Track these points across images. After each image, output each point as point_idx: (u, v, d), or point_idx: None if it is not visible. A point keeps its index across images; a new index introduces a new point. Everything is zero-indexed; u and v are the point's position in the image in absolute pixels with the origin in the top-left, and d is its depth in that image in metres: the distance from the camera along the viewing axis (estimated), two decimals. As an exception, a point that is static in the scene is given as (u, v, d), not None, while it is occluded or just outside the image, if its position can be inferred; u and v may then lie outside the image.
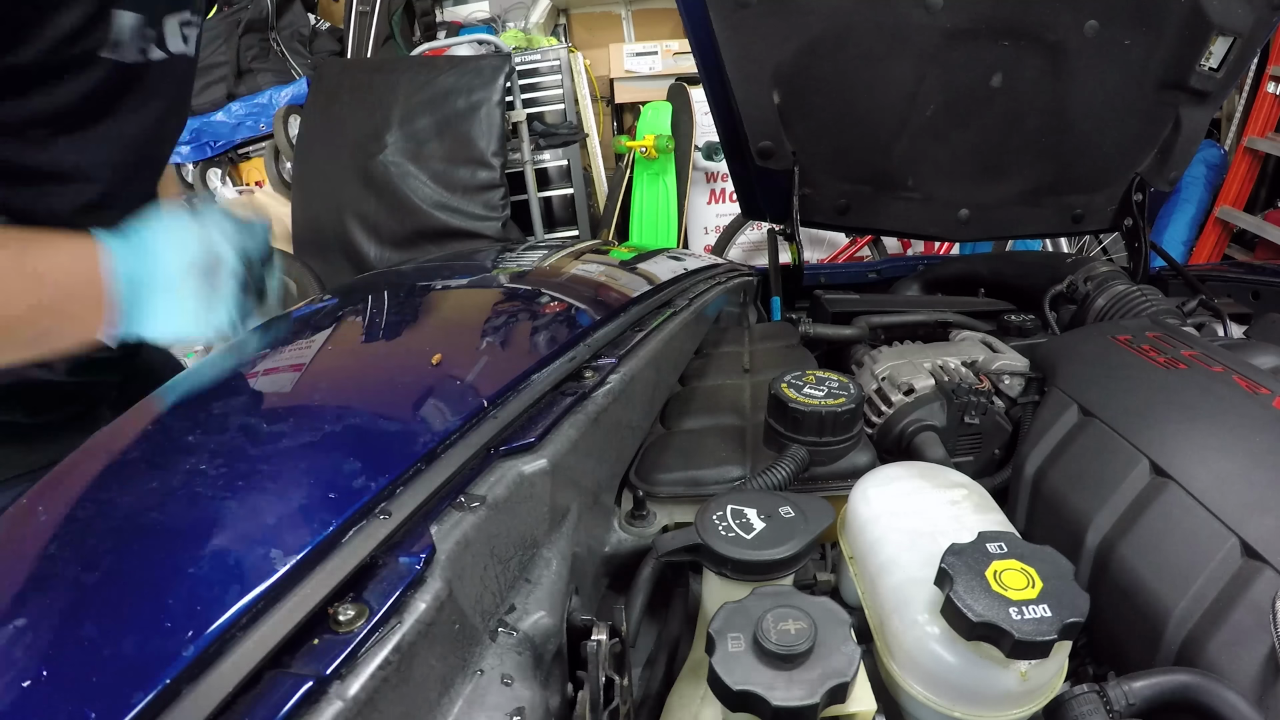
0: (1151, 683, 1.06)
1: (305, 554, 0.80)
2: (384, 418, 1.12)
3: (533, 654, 0.99)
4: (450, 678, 0.88)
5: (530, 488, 1.09)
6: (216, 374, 1.30)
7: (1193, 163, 3.08)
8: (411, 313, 1.61)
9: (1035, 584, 0.96)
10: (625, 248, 2.63)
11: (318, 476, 0.95)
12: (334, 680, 0.72)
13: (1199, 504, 1.26)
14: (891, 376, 1.95)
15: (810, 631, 0.90)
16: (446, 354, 1.29)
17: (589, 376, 1.37)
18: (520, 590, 1.06)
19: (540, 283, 1.84)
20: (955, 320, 2.39)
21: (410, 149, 6.27)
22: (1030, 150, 2.63)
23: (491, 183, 6.27)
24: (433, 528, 0.92)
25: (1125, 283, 2.34)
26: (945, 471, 1.34)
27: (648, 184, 7.54)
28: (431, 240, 6.29)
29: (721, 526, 1.14)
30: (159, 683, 0.66)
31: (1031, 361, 1.98)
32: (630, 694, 1.11)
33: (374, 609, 0.79)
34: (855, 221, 2.81)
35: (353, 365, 1.35)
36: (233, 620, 0.73)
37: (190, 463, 0.98)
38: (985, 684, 0.99)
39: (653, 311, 1.78)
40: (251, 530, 0.86)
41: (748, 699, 0.86)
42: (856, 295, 2.67)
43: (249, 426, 1.08)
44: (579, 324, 1.50)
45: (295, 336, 1.43)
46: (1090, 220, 2.87)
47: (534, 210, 6.97)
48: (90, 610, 0.77)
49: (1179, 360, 1.60)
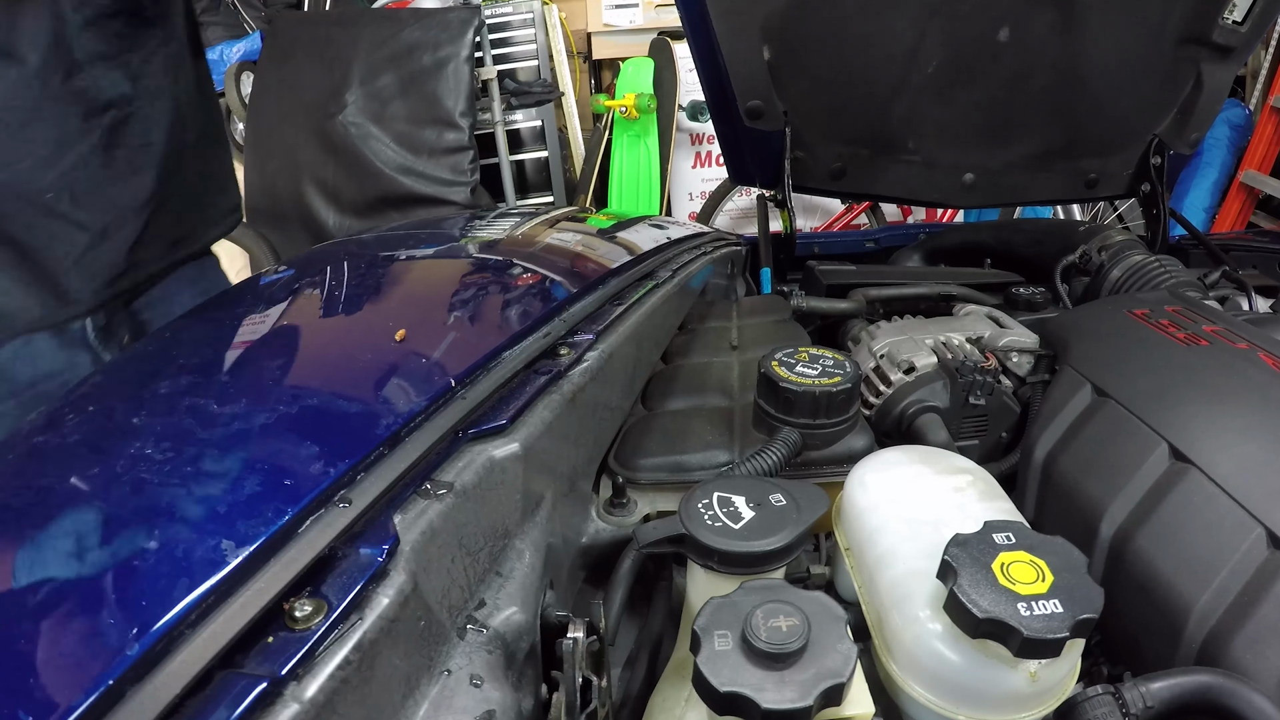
0: (1171, 684, 1.06)
1: (259, 545, 0.80)
2: (344, 399, 1.12)
3: (504, 653, 0.99)
4: (415, 678, 0.88)
5: (501, 474, 1.09)
6: (163, 352, 1.30)
7: (1215, 123, 3.08)
8: (373, 285, 1.60)
9: (1045, 577, 0.96)
10: (603, 215, 2.63)
11: (272, 462, 0.95)
12: (290, 681, 0.72)
13: (1222, 491, 1.26)
14: (891, 354, 1.95)
15: (803, 629, 0.90)
16: (411, 330, 1.28)
17: (564, 354, 1.36)
18: (491, 584, 1.06)
19: (512, 253, 1.83)
20: (959, 293, 2.39)
21: (372, 109, 6.24)
22: (1040, 110, 2.63)
23: (459, 145, 6.25)
24: (396, 517, 0.92)
25: (1142, 253, 2.34)
26: (948, 456, 1.34)
27: (628, 146, 7.52)
28: (395, 207, 6.26)
29: (707, 515, 1.14)
30: (101, 684, 0.66)
31: (1041, 337, 1.98)
32: (609, 696, 1.11)
33: (333, 604, 0.79)
34: (851, 187, 2.81)
35: (310, 342, 1.34)
36: (181, 616, 0.72)
37: (135, 447, 0.98)
38: (991, 685, 0.99)
39: (633, 284, 1.77)
40: (200, 520, 0.86)
41: (735, 702, 0.87)
42: (853, 266, 2.66)
43: (198, 408, 1.08)
44: (553, 297, 1.50)
45: (248, 311, 1.43)
46: (1105, 185, 2.87)
47: (505, 175, 6.95)
48: (27, 606, 0.77)
49: (1200, 336, 1.60)
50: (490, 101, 6.72)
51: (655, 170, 7.52)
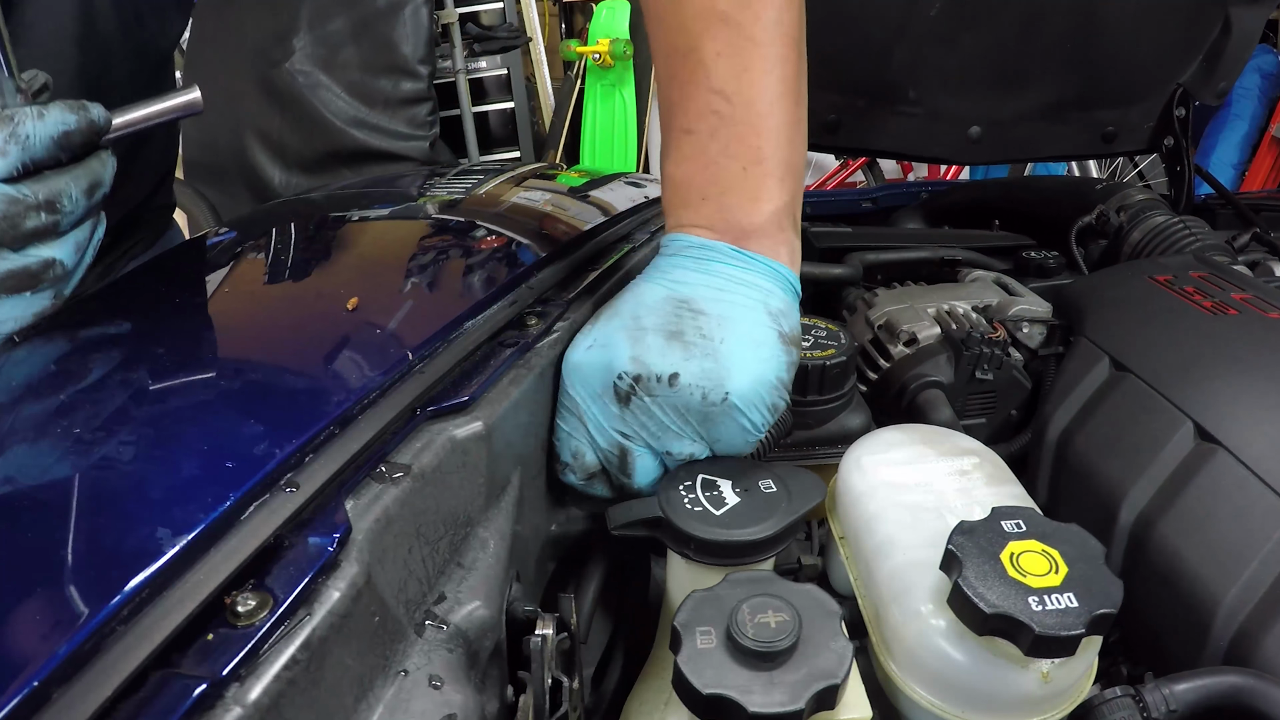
0: (1197, 685, 1.05)
1: (197, 534, 0.79)
2: (290, 374, 1.12)
3: (466, 651, 0.99)
4: (368, 679, 0.88)
5: (463, 455, 1.09)
6: (91, 323, 1.29)
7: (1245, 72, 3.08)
8: (323, 249, 1.60)
9: (1059, 569, 0.96)
10: (575, 172, 2.62)
11: (212, 442, 0.94)
12: (231, 682, 0.71)
13: (1252, 474, 1.25)
14: (890, 324, 1.95)
15: (793, 625, 0.90)
16: (364, 298, 1.28)
17: (532, 324, 1.36)
18: (452, 576, 1.06)
19: (474, 214, 1.83)
20: (964, 257, 2.38)
21: (321, 55, 6.22)
22: (1054, 56, 2.62)
23: (417, 95, 6.24)
24: (348, 503, 0.92)
25: (1165, 213, 2.34)
26: (953, 436, 1.34)
27: (602, 97, 7.51)
28: (346, 163, 6.26)
29: (688, 499, 1.14)
30: (25, 686, 0.65)
31: (1055, 306, 1.98)
32: (581, 699, 1.11)
33: (278, 598, 0.78)
34: (847, 141, 2.79)
35: (253, 312, 1.33)
36: (111, 612, 0.71)
37: (60, 427, 0.97)
38: (999, 687, 0.99)
39: (608, 247, 1.77)
40: (133, 506, 0.85)
41: (719, 705, 0.87)
42: (848, 228, 2.65)
43: (130, 384, 1.07)
44: (520, 262, 1.50)
45: (186, 278, 1.42)
46: (1124, 139, 2.87)
47: (468, 128, 6.95)
48: (-61, 603, 0.76)
49: (1229, 305, 1.61)
50: (451, 48, 6.71)
51: (632, 123, 7.52)
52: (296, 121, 6.21)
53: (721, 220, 1.29)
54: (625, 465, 1.27)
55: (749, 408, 1.21)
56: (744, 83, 1.28)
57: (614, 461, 1.27)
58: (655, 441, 1.25)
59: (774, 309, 1.25)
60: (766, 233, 1.29)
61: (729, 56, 1.27)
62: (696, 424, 1.23)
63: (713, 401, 1.20)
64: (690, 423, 1.23)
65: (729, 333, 1.22)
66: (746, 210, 1.29)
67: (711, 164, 1.29)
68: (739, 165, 1.28)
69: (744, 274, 1.26)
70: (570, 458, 1.30)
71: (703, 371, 1.20)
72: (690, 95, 1.29)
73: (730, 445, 1.25)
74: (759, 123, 1.29)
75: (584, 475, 1.30)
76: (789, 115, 1.32)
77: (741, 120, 1.28)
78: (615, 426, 1.26)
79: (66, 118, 1.17)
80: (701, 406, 1.20)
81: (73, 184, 1.19)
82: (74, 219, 1.21)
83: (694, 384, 1.19)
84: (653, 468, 1.27)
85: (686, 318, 1.23)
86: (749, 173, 1.29)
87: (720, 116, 1.28)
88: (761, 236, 1.29)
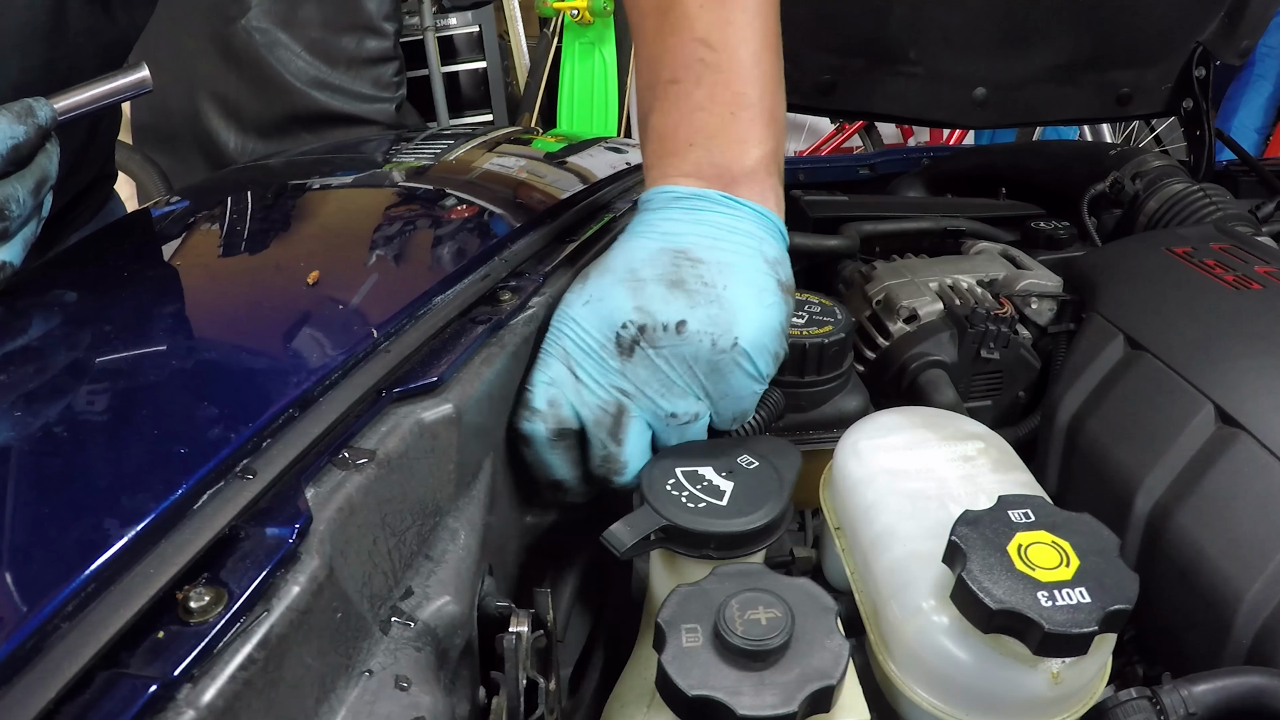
0: (1217, 686, 1.05)
1: (146, 524, 0.79)
2: (247, 353, 1.11)
3: (434, 650, 0.99)
4: (330, 680, 0.88)
5: (432, 440, 1.09)
6: (30, 301, 1.28)
7: (1269, 29, 3.08)
8: (282, 219, 1.59)
9: (1070, 562, 0.97)
10: (552, 136, 2.62)
11: (162, 426, 0.94)
12: (184, 683, 0.71)
13: (1277, 460, 1.25)
14: (889, 299, 1.95)
15: (786, 622, 0.91)
16: (325, 271, 1.27)
17: (506, 299, 1.36)
18: (419, 570, 1.06)
19: (444, 181, 1.83)
20: (969, 228, 2.39)
21: (279, 11, 6.19)
22: (1065, 12, 2.62)
23: (382, 54, 6.22)
24: (308, 491, 0.91)
25: (1184, 180, 2.34)
26: (957, 419, 1.34)
27: (580, 56, 7.49)
28: (307, 127, 6.23)
29: (684, 497, 1.14)
30: (-41, 688, 0.66)
31: (1065, 280, 1.98)
32: (558, 701, 1.11)
33: (234, 593, 0.78)
34: (843, 103, 2.79)
35: (207, 287, 1.33)
36: (55, 608, 0.71)
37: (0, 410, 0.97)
38: (1006, 688, 1.00)
39: (588, 216, 1.76)
40: (77, 494, 0.85)
41: (706, 707, 0.87)
42: (845, 197, 2.65)
43: (76, 365, 1.07)
44: (493, 233, 1.49)
45: (135, 250, 1.42)
46: (1139, 102, 2.87)
47: (436, 89, 6.92)
48: None
49: (1252, 279, 1.61)
50: (419, 3, 6.68)
51: (612, 85, 7.50)
52: (253, 83, 6.19)
53: (710, 165, 1.32)
54: (618, 428, 1.27)
55: (757, 354, 1.24)
56: (728, 33, 1.32)
57: (605, 422, 1.27)
58: (658, 398, 1.26)
59: (770, 257, 1.29)
60: (755, 177, 1.32)
61: (712, 8, 1.31)
62: (703, 375, 1.25)
63: (722, 348, 1.22)
64: (696, 375, 1.25)
65: (731, 279, 1.24)
66: (735, 154, 1.32)
67: (698, 109, 1.33)
68: (726, 110, 1.32)
69: (737, 222, 1.29)
70: (545, 405, 1.30)
71: (709, 318, 1.22)
72: (674, 46, 1.33)
73: (735, 400, 1.28)
74: (743, 70, 1.33)
75: (555, 427, 1.30)
76: (771, 67, 1.36)
77: (726, 68, 1.32)
78: (614, 382, 1.26)
79: (15, 130, 1.17)
80: (710, 354, 1.22)
81: (20, 187, 1.19)
82: (22, 220, 1.22)
83: (702, 330, 1.21)
84: (644, 436, 1.28)
85: (685, 266, 1.25)
86: (737, 116, 1.32)
87: (705, 64, 1.31)
88: (750, 182, 1.32)
